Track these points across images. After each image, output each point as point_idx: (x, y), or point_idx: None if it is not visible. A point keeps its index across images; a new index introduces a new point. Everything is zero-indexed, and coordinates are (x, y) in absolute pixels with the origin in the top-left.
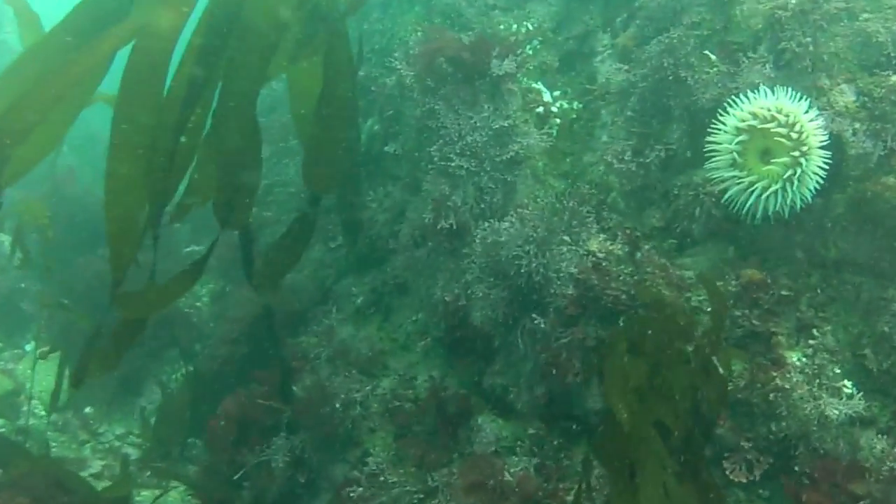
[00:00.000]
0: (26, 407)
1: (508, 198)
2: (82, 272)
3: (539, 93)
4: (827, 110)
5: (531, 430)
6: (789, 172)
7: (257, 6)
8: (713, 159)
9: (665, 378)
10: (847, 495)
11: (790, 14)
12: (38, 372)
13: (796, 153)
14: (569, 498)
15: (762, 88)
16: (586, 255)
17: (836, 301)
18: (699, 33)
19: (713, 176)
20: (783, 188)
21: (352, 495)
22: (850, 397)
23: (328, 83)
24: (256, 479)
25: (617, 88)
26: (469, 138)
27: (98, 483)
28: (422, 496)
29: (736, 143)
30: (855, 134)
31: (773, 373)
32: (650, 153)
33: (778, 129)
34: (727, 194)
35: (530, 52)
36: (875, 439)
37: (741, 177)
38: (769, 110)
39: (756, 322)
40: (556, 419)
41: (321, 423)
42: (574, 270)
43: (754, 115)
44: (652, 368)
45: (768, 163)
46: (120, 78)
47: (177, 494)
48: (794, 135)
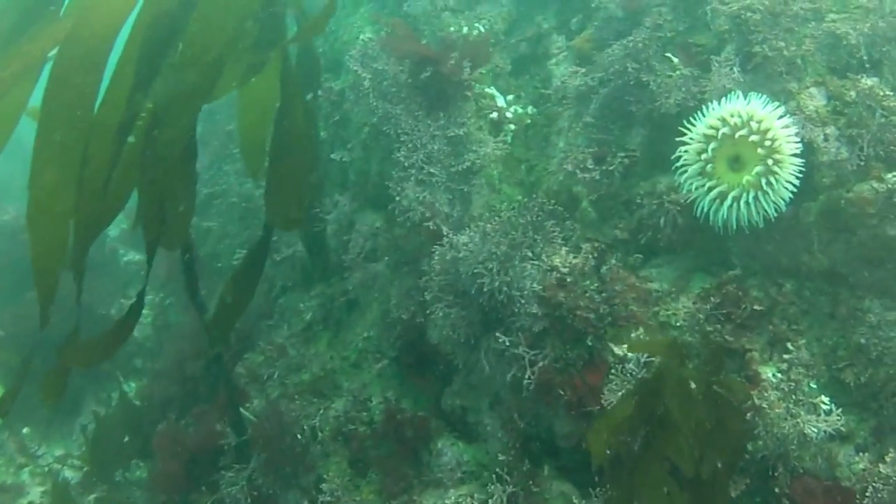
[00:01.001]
0: None
1: (465, 209)
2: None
3: (492, 98)
4: (797, 114)
5: (497, 455)
6: (761, 181)
7: (205, 14)
8: (682, 167)
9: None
10: None
11: (759, 16)
12: None
13: (769, 161)
14: None
15: (733, 93)
16: (550, 271)
17: (810, 313)
18: (661, 35)
19: (682, 184)
20: (755, 197)
21: None
22: (828, 413)
23: (287, 101)
24: None
25: (574, 93)
26: (430, 147)
27: None
28: None
29: (706, 151)
30: (826, 140)
31: (750, 391)
32: (612, 160)
33: (750, 137)
34: (696, 203)
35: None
36: (855, 457)
37: (711, 185)
38: (740, 116)
39: (729, 338)
40: (525, 443)
41: (272, 448)
42: (538, 288)
43: (724, 122)
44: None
45: (739, 171)
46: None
47: None
48: (767, 142)
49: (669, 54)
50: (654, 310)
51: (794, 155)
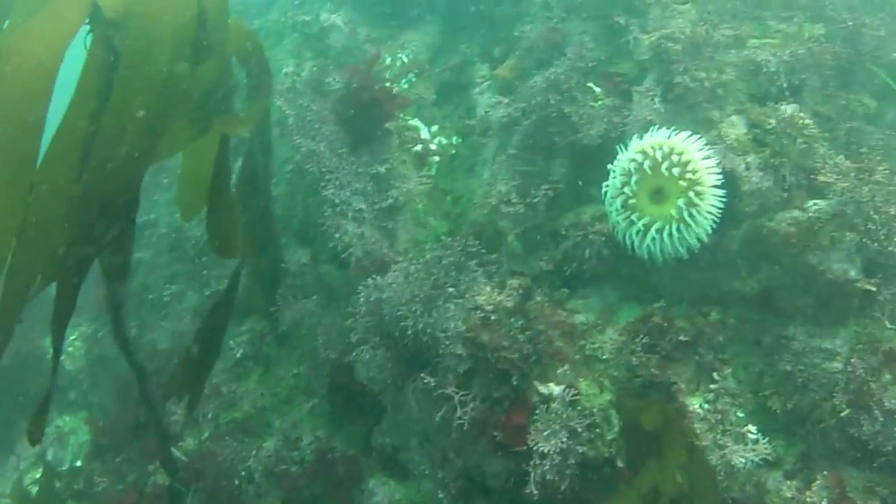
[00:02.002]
0: None
1: (391, 245)
2: None
3: (416, 130)
4: (718, 144)
5: (428, 493)
6: (683, 213)
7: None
8: (606, 200)
9: None
10: None
11: (679, 46)
12: None
13: (691, 193)
14: None
15: (654, 124)
16: (475, 310)
17: (736, 342)
18: (583, 65)
19: (608, 217)
20: (678, 229)
21: None
22: (756, 442)
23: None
24: None
25: (498, 123)
26: (355, 184)
27: None
28: None
29: (628, 185)
30: (748, 168)
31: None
32: (536, 192)
33: (671, 169)
34: (620, 236)
35: (406, 87)
36: (784, 483)
37: (634, 219)
38: (661, 149)
39: (655, 371)
40: (454, 481)
41: (205, 490)
42: (462, 328)
43: (646, 155)
44: None
45: (661, 203)
46: None
47: None
48: (688, 174)
49: (591, 84)
50: (581, 343)
51: (716, 186)
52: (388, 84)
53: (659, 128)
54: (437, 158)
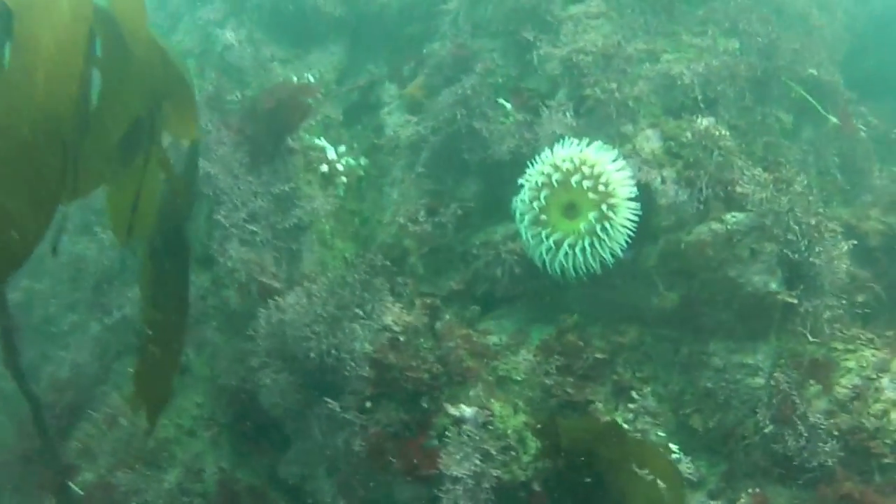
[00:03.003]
0: None
1: (294, 267)
2: None
3: (322, 150)
4: (633, 157)
5: None
6: (596, 227)
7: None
8: (517, 216)
9: None
10: None
11: (591, 59)
12: None
13: (603, 206)
14: None
15: (566, 138)
16: (382, 331)
17: (654, 359)
18: (493, 81)
19: (519, 234)
20: (591, 244)
21: None
22: (678, 462)
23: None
24: None
25: (407, 142)
26: (252, 205)
27: None
28: None
29: (537, 200)
30: (664, 182)
31: None
32: (445, 211)
33: (583, 182)
34: (532, 253)
35: (312, 105)
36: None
37: (546, 234)
38: (572, 162)
39: (570, 391)
40: None
41: None
42: (369, 349)
43: (556, 168)
44: None
45: (574, 218)
46: None
47: None
48: (601, 187)
49: (502, 100)
50: (494, 364)
51: (630, 199)
52: None
53: (570, 141)
54: (345, 179)
